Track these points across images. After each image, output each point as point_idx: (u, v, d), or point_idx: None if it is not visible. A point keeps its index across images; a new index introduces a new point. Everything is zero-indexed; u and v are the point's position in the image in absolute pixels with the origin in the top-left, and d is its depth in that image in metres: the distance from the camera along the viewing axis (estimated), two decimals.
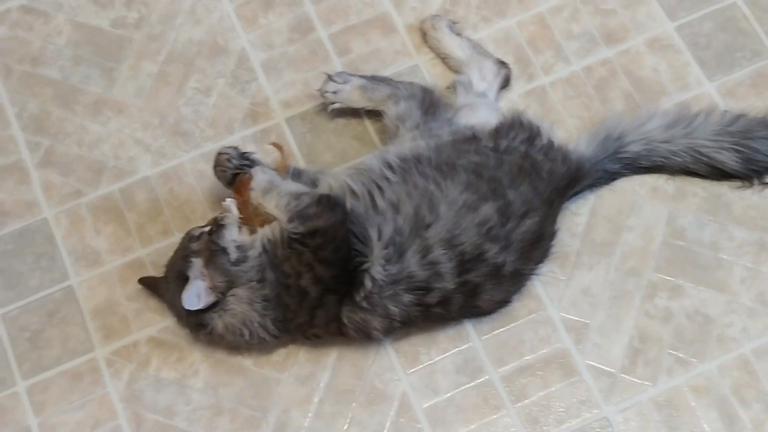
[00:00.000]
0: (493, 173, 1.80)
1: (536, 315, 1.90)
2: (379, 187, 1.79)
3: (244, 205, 1.84)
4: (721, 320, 1.88)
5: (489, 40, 2.10)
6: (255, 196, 1.82)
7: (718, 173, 1.93)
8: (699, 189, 1.97)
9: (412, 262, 1.75)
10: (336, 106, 2.00)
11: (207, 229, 1.81)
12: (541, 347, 1.88)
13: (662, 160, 1.92)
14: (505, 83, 2.04)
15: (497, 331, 1.89)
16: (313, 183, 1.89)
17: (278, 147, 1.93)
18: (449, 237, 1.75)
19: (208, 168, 2.00)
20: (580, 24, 2.11)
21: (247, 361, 1.89)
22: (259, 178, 1.82)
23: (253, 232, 1.83)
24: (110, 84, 2.11)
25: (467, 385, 1.86)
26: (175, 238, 1.97)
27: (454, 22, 2.09)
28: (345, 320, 1.77)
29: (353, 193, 1.81)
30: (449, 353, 1.88)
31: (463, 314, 1.84)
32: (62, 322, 1.93)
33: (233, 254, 1.78)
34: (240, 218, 1.84)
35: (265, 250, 1.78)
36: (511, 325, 1.89)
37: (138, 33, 2.15)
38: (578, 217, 1.96)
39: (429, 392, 1.86)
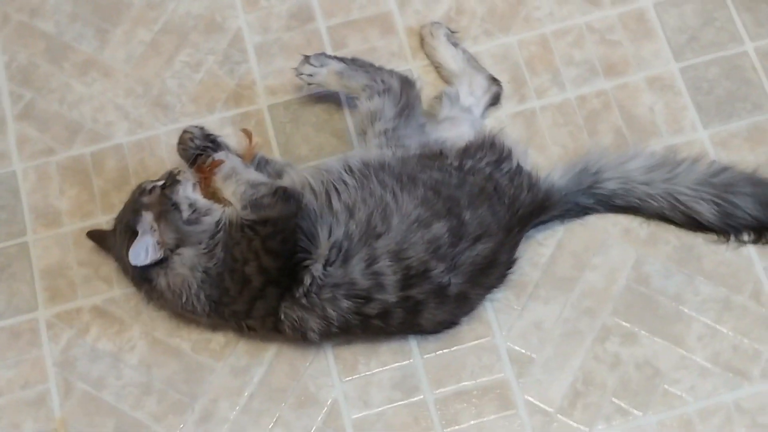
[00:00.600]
0: (452, 192, 1.76)
1: (483, 341, 1.85)
2: (337, 189, 1.76)
3: (204, 183, 1.83)
4: (670, 375, 1.81)
5: (487, 55, 2.05)
6: (215, 180, 1.81)
7: (693, 224, 1.86)
8: (672, 237, 1.90)
9: (356, 269, 1.71)
10: (312, 88, 1.97)
11: (161, 183, 1.79)
12: (481, 374, 1.83)
13: (638, 201, 1.86)
14: (494, 101, 1.99)
15: (441, 352, 1.85)
16: (278, 175, 1.87)
17: (248, 134, 1.91)
18: (397, 250, 1.72)
19: None
20: (582, 51, 2.05)
21: (185, 345, 1.87)
22: (223, 165, 1.82)
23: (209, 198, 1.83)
24: (102, 46, 2.10)
25: (400, 402, 1.82)
26: None
27: (453, 32, 2.04)
28: (282, 316, 1.74)
29: (312, 190, 1.78)
30: (388, 367, 1.84)
31: (403, 330, 1.79)
32: (11, 277, 1.93)
33: (186, 212, 1.77)
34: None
35: (224, 227, 1.77)
36: (456, 347, 1.85)
37: None
38: (543, 248, 1.90)
39: (360, 403, 1.82)
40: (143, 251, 1.74)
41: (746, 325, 1.84)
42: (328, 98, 2.02)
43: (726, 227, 1.85)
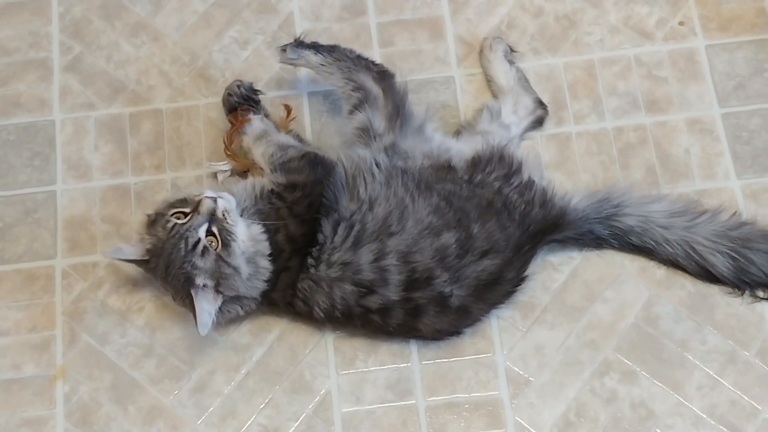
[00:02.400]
0: (462, 204, 1.77)
1: (483, 356, 1.85)
2: (365, 179, 1.78)
3: (232, 135, 1.92)
4: (664, 419, 1.80)
5: (532, 73, 2.05)
6: (246, 140, 1.89)
7: (706, 275, 1.85)
8: (688, 283, 1.89)
9: (363, 258, 1.74)
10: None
11: (206, 241, 1.71)
12: (476, 389, 1.84)
13: (653, 243, 1.85)
14: (537, 124, 1.99)
15: (439, 360, 1.86)
16: None
17: (288, 109, 1.97)
18: (406, 251, 1.73)
19: (218, 117, 2.02)
20: (627, 83, 2.04)
21: (191, 314, 1.89)
22: (256, 125, 1.89)
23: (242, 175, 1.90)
24: (156, 10, 2.13)
25: (392, 404, 1.83)
26: (166, 176, 1.99)
27: (513, 51, 2.04)
28: (299, 286, 1.76)
29: (343, 167, 1.81)
30: (385, 367, 1.85)
31: (401, 332, 1.81)
32: (35, 222, 1.97)
33: (244, 270, 1.73)
34: (227, 153, 1.91)
35: (257, 202, 1.78)
36: (455, 358, 1.86)
37: None
38: (558, 274, 1.90)
39: (353, 398, 1.84)
40: (210, 321, 1.73)
41: (748, 381, 1.82)
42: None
43: (740, 282, 1.84)
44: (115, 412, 1.83)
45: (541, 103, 1.99)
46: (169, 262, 1.71)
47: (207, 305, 1.72)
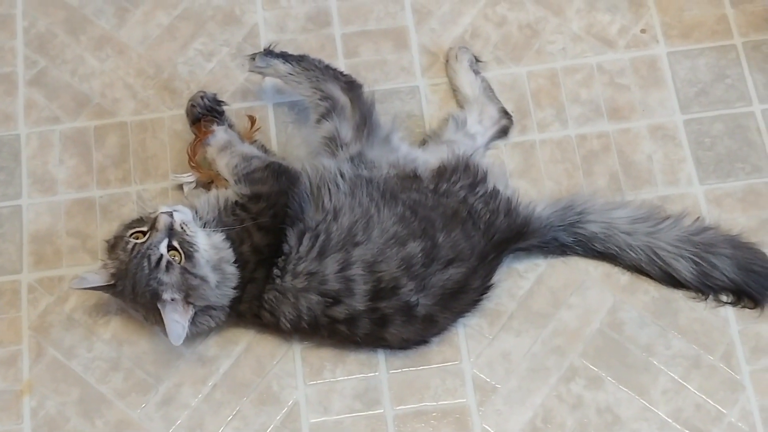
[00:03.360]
0: (427, 213, 1.78)
1: (450, 365, 1.86)
2: (329, 189, 1.79)
3: (196, 146, 1.92)
4: (630, 424, 1.82)
5: (495, 82, 2.06)
6: (210, 151, 1.89)
7: (669, 280, 1.86)
8: (652, 288, 1.90)
9: (329, 269, 1.74)
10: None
11: (169, 256, 1.72)
12: (443, 397, 1.84)
13: (617, 249, 1.86)
14: (502, 134, 2.01)
15: (406, 369, 1.86)
16: None
17: (252, 119, 1.98)
18: (372, 261, 1.74)
19: (183, 129, 2.03)
20: (590, 91, 2.06)
21: (158, 327, 1.89)
22: (219, 136, 1.89)
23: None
24: (120, 24, 2.13)
25: (359, 413, 1.84)
26: (132, 189, 1.99)
27: (478, 60, 2.05)
28: (265, 297, 1.77)
29: (308, 177, 1.82)
30: (353, 377, 1.86)
31: (368, 342, 1.81)
32: (1, 237, 1.97)
33: (212, 279, 1.74)
34: (191, 165, 1.92)
35: (218, 214, 1.79)
36: (422, 367, 1.86)
37: None
38: (523, 281, 1.91)
39: (320, 409, 1.84)
40: (182, 331, 1.74)
41: (713, 385, 1.84)
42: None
43: (703, 286, 1.85)
44: (83, 426, 1.83)
45: (506, 113, 2.01)
46: (135, 282, 1.71)
47: (177, 316, 1.73)
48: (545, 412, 1.83)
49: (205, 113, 1.93)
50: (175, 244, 1.71)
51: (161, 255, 1.70)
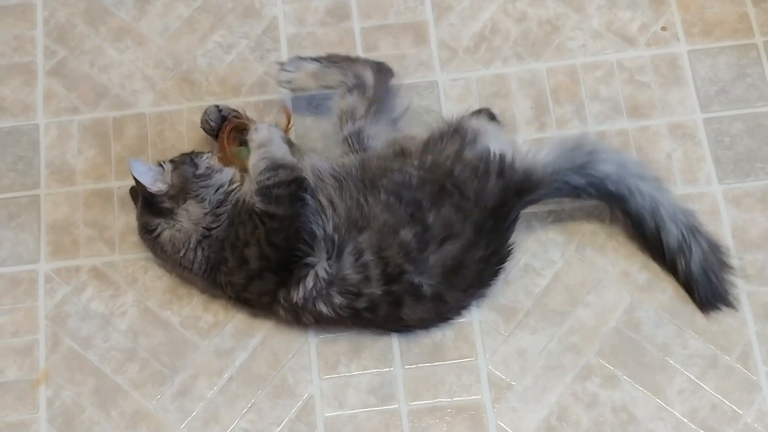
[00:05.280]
0: (413, 195, 1.75)
1: (465, 361, 1.86)
2: (318, 186, 1.79)
3: (229, 137, 1.93)
4: (645, 424, 1.81)
5: (514, 78, 2.06)
6: (251, 138, 1.86)
7: (656, 240, 1.84)
8: (670, 287, 1.90)
9: (347, 263, 1.75)
10: (295, 93, 1.99)
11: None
12: (458, 393, 1.84)
13: (627, 192, 1.81)
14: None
15: (422, 365, 1.86)
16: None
17: (288, 114, 1.96)
18: (378, 246, 1.75)
19: None
20: (609, 88, 2.05)
21: (174, 319, 1.90)
22: (262, 133, 1.85)
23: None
24: (140, 15, 2.13)
25: (374, 408, 1.83)
26: None
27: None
28: (280, 299, 1.78)
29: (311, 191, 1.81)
30: (368, 371, 1.86)
31: (390, 323, 1.81)
32: (19, 227, 1.97)
33: (200, 168, 1.82)
34: (220, 155, 1.92)
35: (232, 200, 1.82)
36: (438, 363, 1.86)
37: None
38: (539, 278, 1.91)
39: (335, 403, 1.84)
40: (147, 170, 1.80)
41: (729, 386, 1.83)
42: None
43: (675, 261, 1.84)
44: (98, 416, 1.83)
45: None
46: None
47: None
48: (560, 410, 1.82)
49: (219, 125, 1.92)
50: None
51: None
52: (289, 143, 1.93)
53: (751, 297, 1.89)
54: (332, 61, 1.93)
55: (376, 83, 1.88)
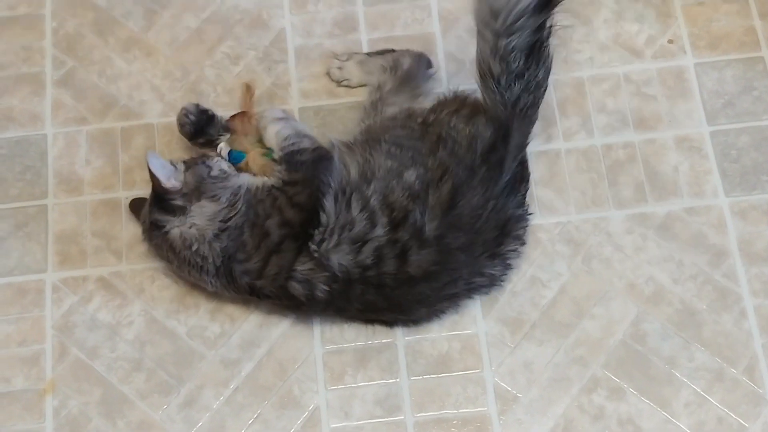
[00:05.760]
0: (413, 143, 1.84)
1: (471, 372, 1.86)
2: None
3: (244, 119, 1.95)
4: None
5: None
6: (263, 122, 1.91)
7: None
8: (676, 300, 1.90)
9: (354, 209, 1.79)
10: (344, 83, 2.07)
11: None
12: (464, 405, 1.84)
13: None
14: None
15: (428, 376, 1.86)
16: None
17: (249, 89, 2.01)
18: (384, 193, 1.80)
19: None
20: (616, 100, 2.06)
21: (181, 329, 1.90)
22: (278, 111, 1.93)
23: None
24: (148, 26, 2.14)
25: (380, 419, 1.84)
26: None
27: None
28: (298, 268, 1.78)
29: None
30: (374, 382, 1.86)
31: (399, 284, 1.79)
32: (27, 236, 1.98)
33: (214, 170, 1.86)
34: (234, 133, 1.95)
35: (246, 188, 1.84)
36: (444, 374, 1.86)
37: None
38: (546, 290, 1.91)
39: (341, 414, 1.84)
40: (161, 165, 1.82)
41: (735, 399, 1.83)
42: (358, 108, 2.04)
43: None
44: (105, 426, 1.84)
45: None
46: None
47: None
48: (566, 422, 1.82)
49: (198, 128, 1.93)
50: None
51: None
52: None
53: (757, 310, 1.89)
54: (379, 52, 2.05)
55: (410, 67, 1.99)
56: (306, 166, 1.82)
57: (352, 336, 1.88)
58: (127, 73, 2.10)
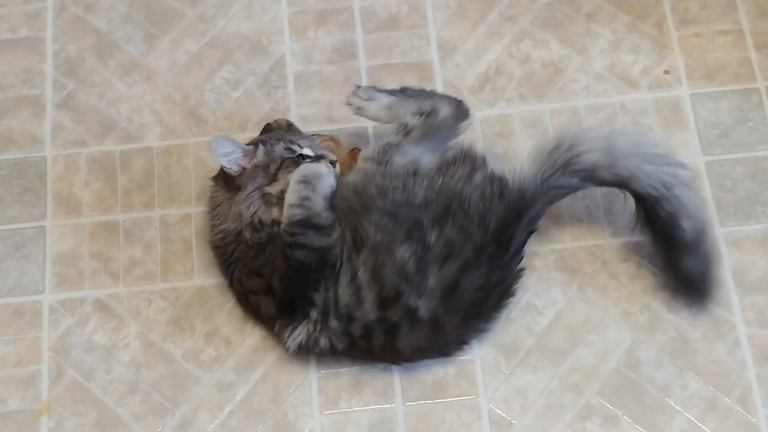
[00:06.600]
0: (413, 213, 1.73)
1: (466, 399, 1.86)
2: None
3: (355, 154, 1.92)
4: None
5: (518, 119, 2.08)
6: (293, 176, 1.82)
7: (671, 224, 1.79)
8: (671, 329, 1.91)
9: (342, 283, 1.75)
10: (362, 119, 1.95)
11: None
12: (459, 431, 1.84)
13: (627, 174, 1.76)
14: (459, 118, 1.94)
15: (423, 402, 1.87)
16: None
17: (355, 156, 1.90)
18: (373, 266, 1.74)
19: (208, 156, 2.04)
20: None
21: (176, 351, 1.91)
22: (314, 169, 1.80)
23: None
24: (148, 50, 2.16)
25: None
26: (155, 213, 2.01)
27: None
28: (276, 327, 1.81)
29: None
30: (369, 407, 1.86)
31: (386, 356, 1.81)
32: (24, 257, 1.98)
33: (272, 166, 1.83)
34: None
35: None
36: (439, 400, 1.87)
37: (191, 10, 2.19)
38: (541, 317, 1.92)
39: None
40: (229, 146, 1.83)
41: (729, 427, 1.84)
42: (358, 134, 2.05)
43: (686, 250, 1.81)
44: None
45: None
46: None
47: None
48: None
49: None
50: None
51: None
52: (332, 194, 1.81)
53: (750, 339, 1.90)
54: (408, 94, 1.89)
55: (446, 116, 1.84)
56: (302, 257, 1.75)
57: (347, 361, 1.89)
58: (127, 97, 2.12)
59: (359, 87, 1.93)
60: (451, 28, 2.17)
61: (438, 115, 1.84)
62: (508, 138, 2.06)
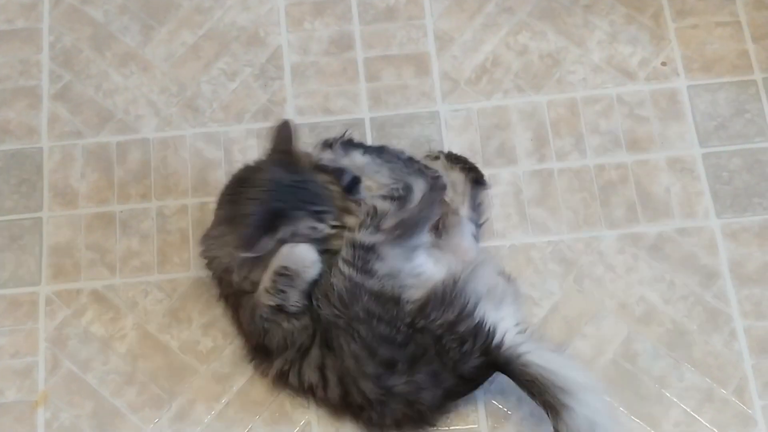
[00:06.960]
0: (392, 353, 1.68)
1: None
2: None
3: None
4: None
5: (515, 110, 2.08)
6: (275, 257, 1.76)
7: None
8: (667, 320, 1.91)
9: (311, 363, 1.76)
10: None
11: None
12: (456, 422, 1.83)
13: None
14: (476, 184, 1.96)
15: None
16: None
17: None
18: (341, 376, 1.74)
19: (205, 146, 2.04)
20: (609, 121, 2.07)
21: (173, 343, 1.91)
22: (297, 254, 1.72)
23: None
24: (145, 41, 2.15)
25: None
26: (152, 205, 2.01)
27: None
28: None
29: None
30: None
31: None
32: (21, 249, 1.98)
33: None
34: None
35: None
36: None
37: (188, 1, 2.19)
38: (537, 309, 1.92)
39: (332, 429, 1.84)
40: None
41: (725, 419, 1.84)
42: (356, 126, 2.05)
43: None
44: None
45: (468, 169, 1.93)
46: None
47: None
48: None
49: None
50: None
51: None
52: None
53: (747, 331, 1.90)
54: (385, 159, 1.81)
55: (422, 202, 1.73)
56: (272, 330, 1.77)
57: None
58: (124, 88, 2.11)
59: (329, 143, 1.85)
60: (449, 19, 2.16)
61: (411, 195, 1.73)
62: (505, 129, 2.06)
